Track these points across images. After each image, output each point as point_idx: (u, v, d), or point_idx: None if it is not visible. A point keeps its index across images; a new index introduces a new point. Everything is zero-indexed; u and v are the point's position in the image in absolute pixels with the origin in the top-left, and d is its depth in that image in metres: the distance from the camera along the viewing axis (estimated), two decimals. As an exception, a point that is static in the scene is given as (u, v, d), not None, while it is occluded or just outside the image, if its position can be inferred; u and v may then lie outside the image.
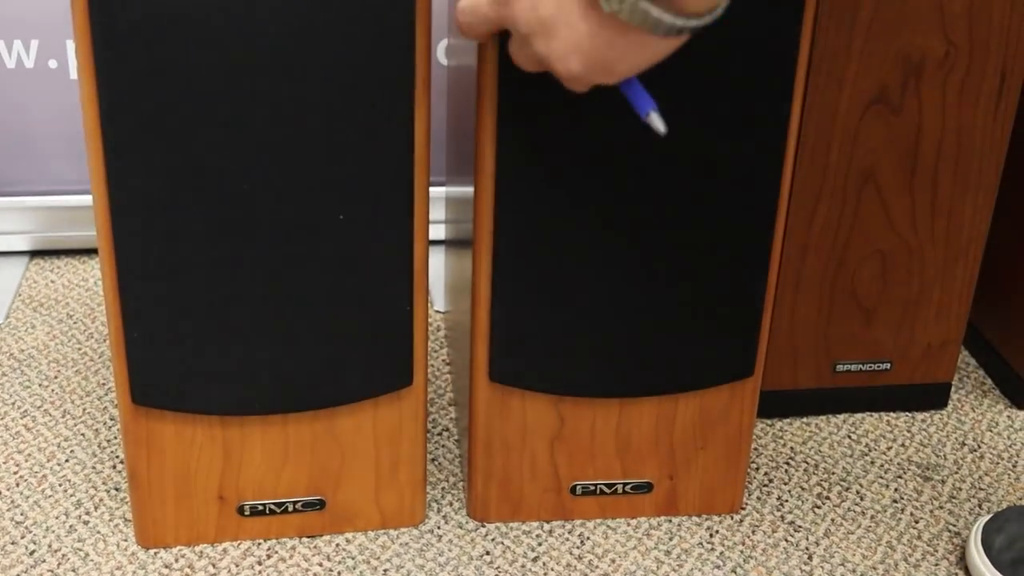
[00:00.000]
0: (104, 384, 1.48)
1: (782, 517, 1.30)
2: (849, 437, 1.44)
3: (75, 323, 1.61)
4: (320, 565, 1.21)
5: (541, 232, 1.10)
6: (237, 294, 1.09)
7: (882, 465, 1.39)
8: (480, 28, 0.93)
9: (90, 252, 1.79)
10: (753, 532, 1.28)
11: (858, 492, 1.35)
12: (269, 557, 1.22)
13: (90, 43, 0.98)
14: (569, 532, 1.27)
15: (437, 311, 1.64)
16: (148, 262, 1.07)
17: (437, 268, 1.70)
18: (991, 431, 1.47)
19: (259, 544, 1.23)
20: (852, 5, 1.24)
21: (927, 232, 1.37)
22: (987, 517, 1.23)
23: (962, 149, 1.33)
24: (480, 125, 1.08)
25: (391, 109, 1.04)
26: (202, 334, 1.10)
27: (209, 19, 0.97)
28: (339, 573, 1.20)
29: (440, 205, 1.66)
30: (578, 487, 1.26)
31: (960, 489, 1.36)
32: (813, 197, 1.33)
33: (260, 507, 1.22)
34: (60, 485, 1.30)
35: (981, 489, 1.36)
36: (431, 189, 1.51)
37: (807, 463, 1.39)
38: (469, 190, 1.16)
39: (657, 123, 0.87)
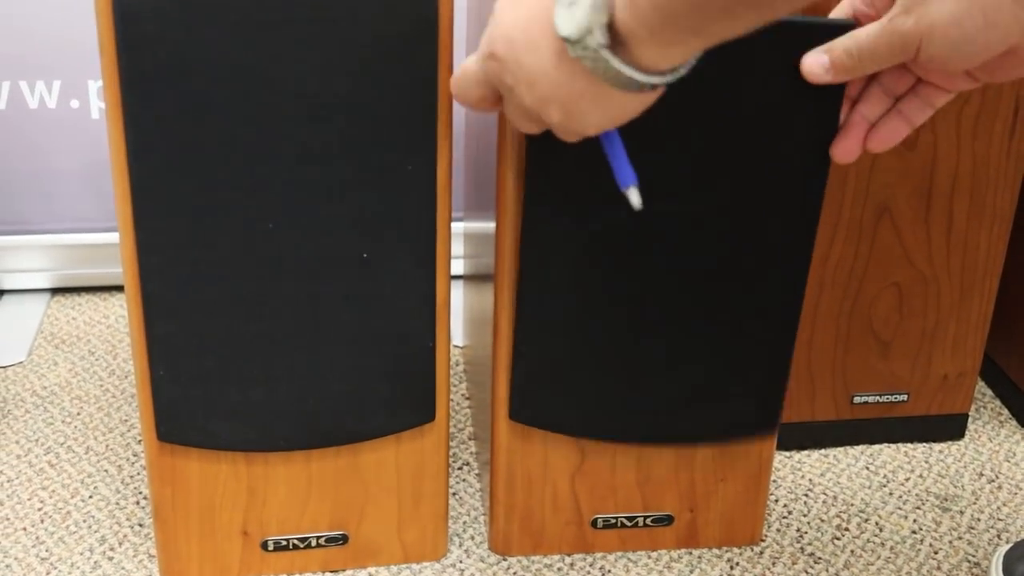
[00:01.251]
0: (127, 420, 1.49)
1: (802, 549, 1.31)
2: (867, 468, 1.44)
3: (97, 360, 1.63)
4: (344, 600, 1.22)
5: (564, 272, 1.11)
6: (262, 331, 1.10)
7: (900, 496, 1.40)
8: (473, 92, 0.93)
9: (111, 289, 1.81)
10: (773, 564, 1.28)
11: (877, 523, 1.35)
12: (293, 592, 1.23)
13: (118, 83, 0.99)
14: (590, 565, 1.27)
15: (455, 346, 1.65)
16: (174, 300, 1.08)
17: (456, 302, 1.71)
18: (1008, 461, 1.47)
19: (283, 579, 1.24)
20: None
21: (943, 264, 1.38)
22: (1008, 546, 1.24)
23: (977, 181, 1.34)
24: (501, 160, 1.09)
25: (415, 147, 1.05)
26: (227, 371, 1.11)
27: (235, 60, 0.99)
28: (363, 607, 1.21)
29: (459, 239, 1.67)
30: (599, 520, 1.27)
31: (979, 520, 1.37)
32: (830, 231, 1.34)
33: (284, 542, 1.22)
34: (84, 521, 1.31)
35: (1000, 519, 1.37)
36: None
37: (826, 495, 1.40)
38: (489, 225, 1.17)
39: (634, 198, 0.89)
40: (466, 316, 1.61)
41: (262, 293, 1.08)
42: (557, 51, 0.82)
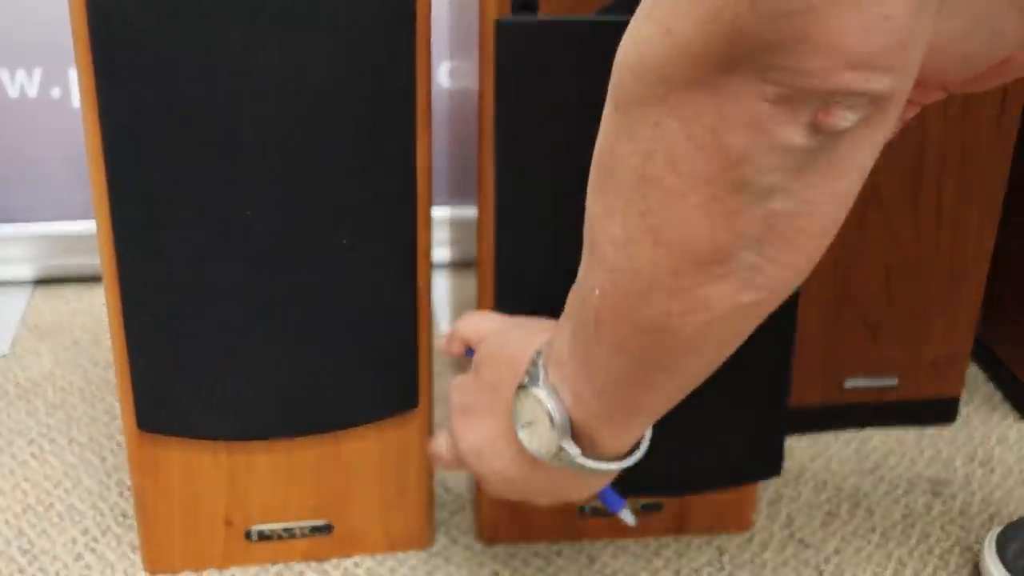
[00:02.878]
0: (110, 411, 1.48)
1: (792, 535, 1.30)
2: (858, 453, 1.43)
3: (80, 350, 1.61)
4: (328, 590, 1.21)
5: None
6: (241, 320, 1.09)
7: (891, 481, 1.39)
8: (451, 465, 0.97)
9: (94, 279, 1.79)
10: (763, 550, 1.27)
11: (868, 509, 1.34)
12: (277, 582, 1.22)
13: (92, 74, 0.98)
14: (579, 552, 1.26)
15: (442, 332, 1.64)
16: (152, 289, 1.07)
17: (442, 290, 1.70)
18: (1001, 445, 1.46)
19: (266, 568, 1.22)
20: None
21: (932, 247, 1.37)
22: (1000, 528, 1.23)
23: (966, 164, 1.33)
24: (482, 146, 1.08)
25: (393, 134, 1.04)
26: (207, 360, 1.10)
27: (209, 49, 0.97)
28: (347, 597, 1.20)
29: (444, 226, 1.66)
30: (587, 508, 1.26)
31: (970, 504, 1.36)
32: (817, 213, 1.32)
33: (267, 532, 1.21)
34: (67, 513, 1.30)
35: (992, 503, 1.36)
36: (435, 209, 1.52)
37: (816, 480, 1.39)
38: (473, 211, 1.16)
39: (628, 518, 0.97)
40: (453, 303, 1.60)
41: (241, 281, 1.07)
42: (530, 461, 0.87)
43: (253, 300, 1.08)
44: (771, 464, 1.20)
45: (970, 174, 1.34)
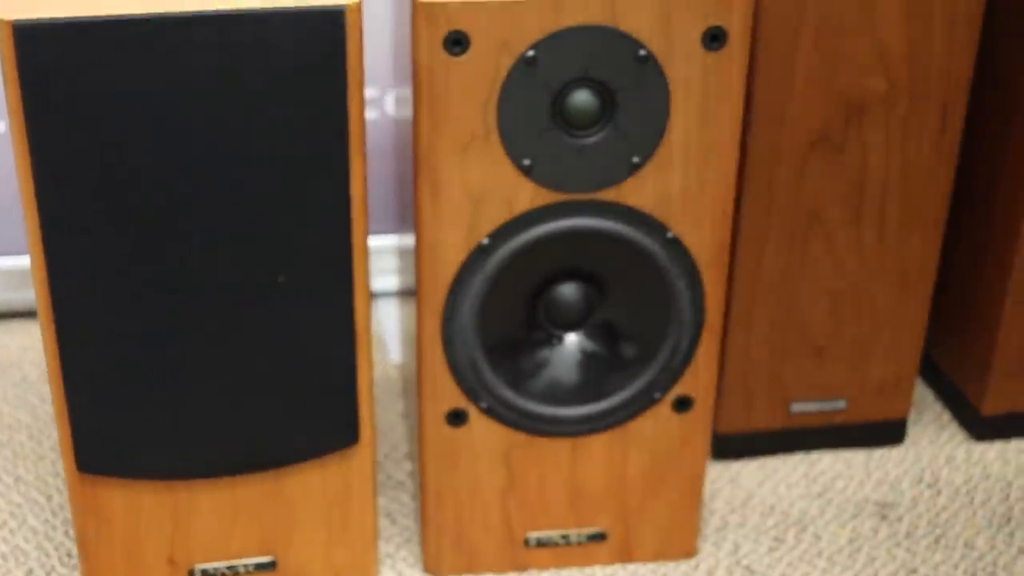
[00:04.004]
0: (56, 448, 1.47)
1: (738, 562, 1.30)
2: (806, 477, 1.43)
3: (29, 386, 1.60)
4: (273, 627, 1.20)
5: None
6: (179, 358, 1.08)
7: (839, 504, 1.39)
8: None
9: (45, 312, 1.78)
10: (710, 577, 1.28)
11: (815, 533, 1.34)
12: (221, 620, 1.21)
13: (22, 112, 0.97)
14: (525, 584, 1.26)
15: (393, 364, 1.64)
16: (88, 329, 1.06)
17: (391, 319, 1.70)
18: (949, 465, 1.46)
19: (211, 607, 1.22)
20: (790, 47, 1.24)
21: (876, 269, 1.37)
22: None
23: (908, 185, 1.34)
24: (416, 176, 1.08)
25: (327, 168, 1.04)
26: (146, 399, 1.10)
27: (140, 87, 0.97)
28: (292, 634, 1.19)
29: (392, 255, 1.66)
30: (532, 538, 1.26)
31: (917, 526, 1.36)
32: (760, 238, 1.33)
33: (211, 570, 1.21)
34: (12, 554, 1.29)
35: (938, 526, 1.36)
36: (382, 238, 1.52)
37: (763, 505, 1.39)
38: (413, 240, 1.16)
39: None
40: (403, 332, 1.59)
41: (177, 318, 1.07)
42: None
43: (191, 338, 1.08)
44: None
45: (912, 195, 1.34)
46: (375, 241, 1.61)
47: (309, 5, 0.98)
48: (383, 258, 1.71)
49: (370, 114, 1.60)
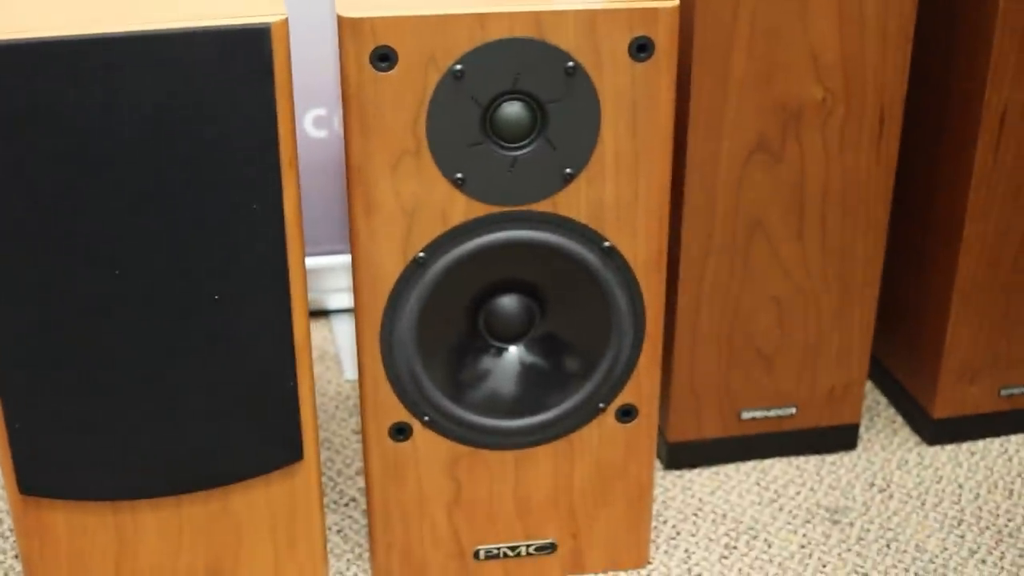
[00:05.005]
0: (10, 473, 1.46)
1: (689, 570, 1.30)
2: (758, 484, 1.44)
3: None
4: (222, 646, 1.20)
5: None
6: (117, 378, 1.09)
7: (790, 511, 1.39)
8: None
9: None
10: (660, 586, 1.28)
11: (766, 540, 1.35)
12: (170, 641, 1.21)
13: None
14: (475, 597, 1.26)
15: (347, 379, 1.64)
16: (24, 351, 1.06)
17: (345, 335, 1.70)
18: (900, 469, 1.47)
19: (160, 628, 1.22)
20: (723, 57, 1.25)
21: (820, 276, 1.38)
22: None
23: (848, 191, 1.34)
24: (350, 195, 1.09)
25: (258, 186, 1.04)
26: (85, 420, 1.10)
27: (67, 108, 0.98)
28: (241, 653, 1.19)
29: (344, 272, 1.67)
30: (481, 551, 1.26)
31: (868, 530, 1.36)
32: (703, 249, 1.34)
33: (158, 591, 1.21)
34: (-39, 579, 1.29)
35: (889, 529, 1.36)
36: (334, 257, 1.52)
37: (715, 513, 1.39)
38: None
39: None
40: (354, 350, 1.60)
41: (115, 339, 1.07)
42: None
43: (129, 358, 1.08)
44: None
45: (853, 201, 1.35)
46: (327, 260, 1.61)
47: (235, 23, 0.99)
48: (335, 276, 1.72)
49: (320, 133, 1.60)
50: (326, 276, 1.72)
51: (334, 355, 1.68)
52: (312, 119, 1.57)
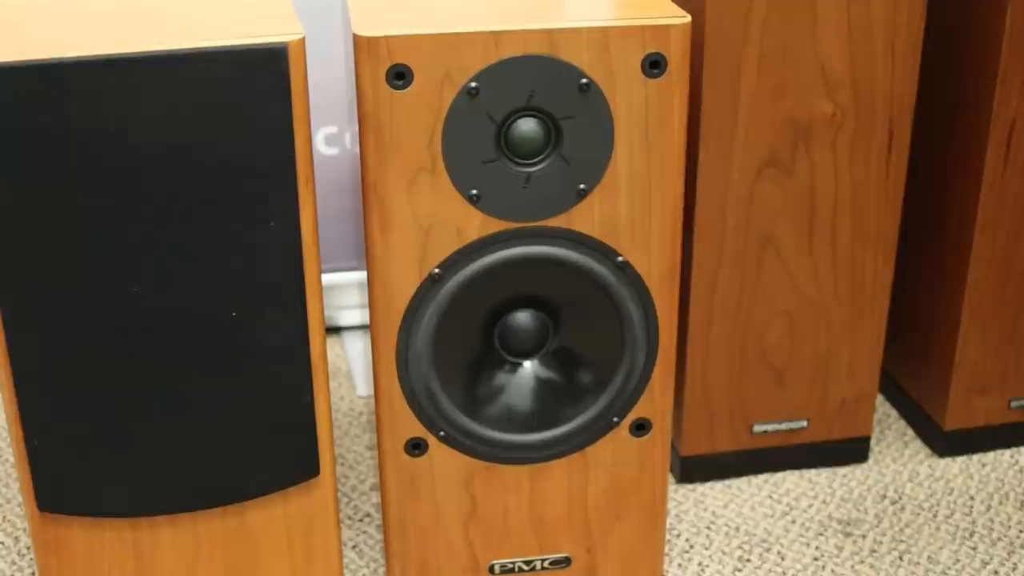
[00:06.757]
0: (25, 491, 1.47)
1: (703, 582, 1.31)
2: (770, 497, 1.44)
3: (-3, 431, 1.61)
4: (239, 662, 1.21)
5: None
6: (136, 396, 1.09)
7: (803, 524, 1.40)
8: None
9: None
10: (674, 599, 1.28)
11: (779, 553, 1.35)
12: (188, 657, 1.21)
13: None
14: (490, 611, 1.27)
15: (360, 396, 1.65)
16: (45, 369, 1.07)
17: (357, 352, 1.71)
18: (912, 481, 1.47)
19: (177, 644, 1.22)
20: (734, 73, 1.26)
21: (831, 289, 1.39)
22: None
23: (858, 205, 1.35)
24: (367, 213, 1.09)
25: (275, 204, 1.05)
26: (104, 437, 1.10)
27: (86, 129, 0.99)
28: (258, 668, 1.20)
29: (357, 289, 1.68)
30: (496, 566, 1.26)
31: (880, 543, 1.37)
32: (714, 263, 1.34)
33: (176, 607, 1.21)
34: (-22, 597, 1.30)
35: (902, 541, 1.37)
36: (347, 274, 1.53)
37: (728, 526, 1.40)
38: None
39: None
40: (368, 367, 1.60)
41: (133, 357, 1.08)
42: None
43: (146, 376, 1.09)
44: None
45: (863, 215, 1.36)
46: (340, 277, 1.62)
47: (252, 43, 1.00)
48: (349, 293, 1.73)
49: (332, 151, 1.62)
50: (336, 293, 1.73)
51: (346, 372, 1.69)
52: (324, 137, 1.58)
